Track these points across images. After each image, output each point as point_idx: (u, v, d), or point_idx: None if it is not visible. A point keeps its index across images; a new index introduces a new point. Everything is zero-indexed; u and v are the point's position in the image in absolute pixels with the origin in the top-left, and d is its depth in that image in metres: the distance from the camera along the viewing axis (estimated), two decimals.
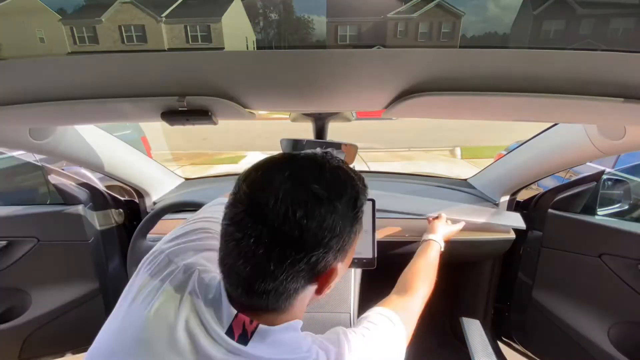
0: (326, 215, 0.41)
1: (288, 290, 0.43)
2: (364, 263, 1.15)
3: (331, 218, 0.42)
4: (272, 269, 0.41)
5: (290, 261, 0.41)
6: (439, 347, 1.66)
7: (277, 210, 0.40)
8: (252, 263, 0.41)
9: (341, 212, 0.43)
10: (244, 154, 7.36)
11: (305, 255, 0.41)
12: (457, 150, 7.59)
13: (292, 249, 0.40)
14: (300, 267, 0.42)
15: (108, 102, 0.56)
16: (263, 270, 0.41)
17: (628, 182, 1.42)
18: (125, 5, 0.42)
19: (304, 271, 0.42)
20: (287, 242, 0.40)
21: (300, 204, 0.40)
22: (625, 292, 1.10)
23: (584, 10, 0.40)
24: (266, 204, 0.40)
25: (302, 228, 0.40)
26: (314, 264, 0.42)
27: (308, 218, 0.40)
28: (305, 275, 0.43)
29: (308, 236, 0.40)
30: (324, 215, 0.41)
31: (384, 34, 0.44)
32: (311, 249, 0.41)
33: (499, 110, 0.61)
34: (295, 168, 0.44)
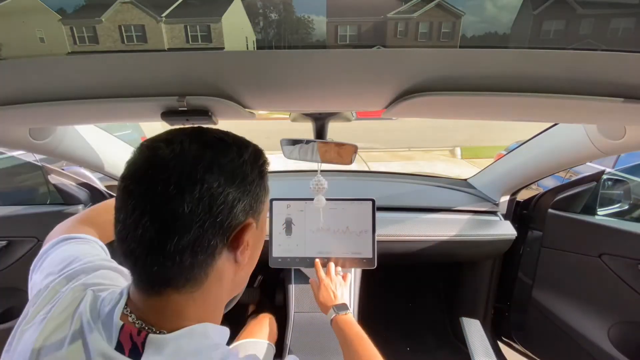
0: (228, 158, 0.42)
1: (198, 247, 0.39)
2: (364, 263, 1.15)
3: (232, 161, 0.42)
4: (176, 216, 0.38)
5: (189, 203, 0.38)
6: (439, 347, 1.66)
7: (173, 154, 0.40)
8: (154, 219, 0.38)
9: (244, 159, 0.44)
10: None
11: (205, 195, 0.39)
12: (457, 150, 7.60)
13: (190, 191, 0.38)
14: (204, 214, 0.39)
15: (108, 102, 0.56)
16: (165, 223, 0.38)
17: (628, 182, 1.42)
18: (125, 5, 0.42)
19: (208, 221, 0.39)
20: (183, 184, 0.38)
21: (197, 146, 0.41)
22: (625, 292, 1.10)
23: (584, 10, 0.40)
24: (159, 148, 0.40)
25: (199, 164, 0.39)
26: (217, 212, 0.40)
27: (207, 156, 0.40)
28: (213, 229, 0.40)
29: (207, 173, 0.39)
30: (226, 158, 0.42)
31: (384, 34, 0.44)
32: (212, 189, 0.39)
33: (499, 110, 0.61)
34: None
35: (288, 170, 1.79)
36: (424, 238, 1.30)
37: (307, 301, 1.21)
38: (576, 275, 1.25)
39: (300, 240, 1.16)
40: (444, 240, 1.30)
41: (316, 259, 1.05)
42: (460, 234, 1.31)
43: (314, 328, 1.13)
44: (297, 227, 1.16)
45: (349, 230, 1.15)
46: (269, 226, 1.17)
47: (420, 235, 1.30)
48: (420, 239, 1.30)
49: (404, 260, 1.35)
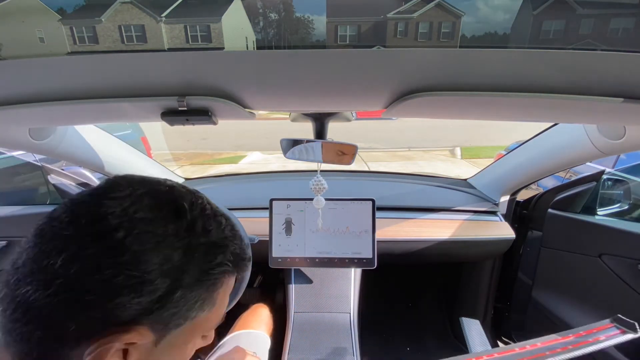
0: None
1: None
2: (364, 263, 1.15)
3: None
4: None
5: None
6: (439, 347, 1.66)
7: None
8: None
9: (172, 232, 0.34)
10: (244, 154, 7.36)
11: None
12: (457, 150, 7.59)
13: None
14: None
15: (108, 102, 0.56)
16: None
17: (628, 182, 1.42)
18: (125, 5, 0.42)
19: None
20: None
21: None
22: (625, 292, 1.10)
23: (584, 10, 0.40)
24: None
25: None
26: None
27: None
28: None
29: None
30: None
31: (383, 34, 0.44)
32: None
33: (499, 110, 0.61)
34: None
35: (288, 170, 1.79)
36: (424, 238, 1.30)
37: (307, 301, 1.21)
38: (576, 275, 1.25)
39: (300, 240, 1.16)
40: (444, 240, 1.30)
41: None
42: (460, 234, 1.31)
43: (314, 328, 1.13)
44: (297, 227, 1.16)
45: (348, 230, 1.15)
46: (269, 226, 1.17)
47: (420, 235, 1.30)
48: (420, 239, 1.30)
49: (404, 260, 1.35)
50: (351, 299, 1.22)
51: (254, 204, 1.35)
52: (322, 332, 1.12)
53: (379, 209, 1.18)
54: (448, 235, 1.30)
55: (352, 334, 1.12)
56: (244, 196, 1.50)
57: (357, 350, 1.07)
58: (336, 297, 1.22)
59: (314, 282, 1.25)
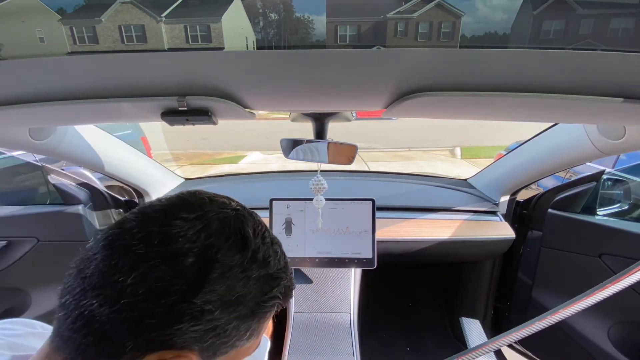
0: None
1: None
2: (364, 263, 1.15)
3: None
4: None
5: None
6: (439, 347, 1.66)
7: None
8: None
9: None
10: (244, 154, 7.36)
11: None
12: (457, 150, 7.59)
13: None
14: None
15: (108, 102, 0.56)
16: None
17: (628, 182, 1.42)
18: (125, 5, 0.42)
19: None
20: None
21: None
22: (625, 292, 1.10)
23: (584, 10, 0.40)
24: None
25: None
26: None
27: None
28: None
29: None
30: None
31: (384, 34, 0.44)
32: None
33: (499, 110, 0.61)
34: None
35: (288, 170, 1.79)
36: (424, 238, 1.30)
37: (307, 301, 1.21)
38: (576, 275, 1.25)
39: (300, 240, 1.16)
40: (444, 240, 1.30)
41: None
42: (460, 234, 1.31)
43: (314, 328, 1.13)
44: (297, 227, 1.16)
45: (348, 230, 1.15)
46: (269, 226, 1.17)
47: (420, 235, 1.30)
48: (420, 239, 1.30)
49: (404, 260, 1.35)
50: (351, 299, 1.22)
51: (254, 204, 1.35)
52: (322, 332, 1.12)
53: (379, 209, 1.18)
54: (448, 235, 1.30)
55: (352, 334, 1.12)
56: (243, 196, 1.49)
57: (357, 350, 1.07)
58: (336, 297, 1.22)
59: (314, 282, 1.25)
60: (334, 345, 1.08)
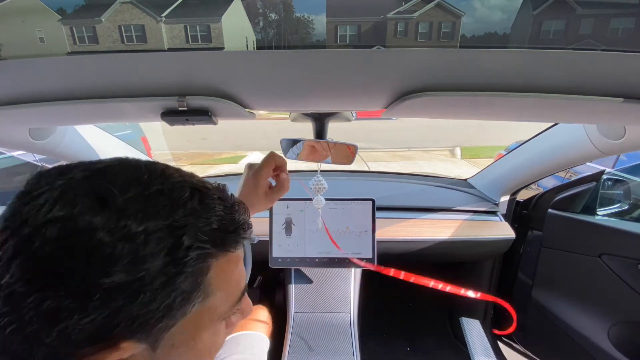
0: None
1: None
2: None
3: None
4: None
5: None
6: (439, 348, 1.66)
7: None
8: None
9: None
10: (244, 154, 7.36)
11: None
12: (457, 150, 7.59)
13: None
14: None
15: (108, 102, 0.56)
16: None
17: (628, 182, 1.42)
18: (125, 5, 0.42)
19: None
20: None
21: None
22: (625, 292, 1.10)
23: (584, 10, 0.40)
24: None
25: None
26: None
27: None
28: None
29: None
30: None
31: (383, 34, 0.44)
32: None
33: (499, 110, 0.61)
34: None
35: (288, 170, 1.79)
36: (424, 238, 1.30)
37: (307, 301, 1.21)
38: (576, 275, 1.25)
39: (300, 240, 1.16)
40: (444, 240, 1.30)
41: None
42: (460, 234, 1.31)
43: (314, 328, 1.13)
44: (297, 227, 1.16)
45: (348, 230, 1.15)
46: (269, 226, 1.17)
47: (420, 235, 1.30)
48: (420, 239, 1.30)
49: (404, 260, 1.35)
50: (351, 299, 1.22)
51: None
52: (322, 332, 1.12)
53: (379, 209, 1.18)
54: (448, 235, 1.30)
55: (352, 334, 1.12)
56: None
57: (357, 350, 1.07)
58: (336, 297, 1.22)
59: (314, 282, 1.25)
60: (334, 345, 1.08)
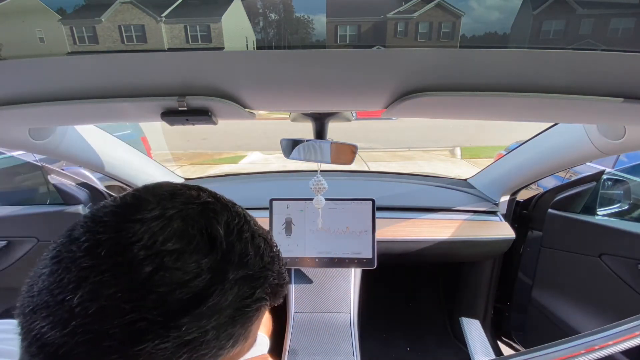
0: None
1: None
2: (363, 263, 1.15)
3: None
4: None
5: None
6: (439, 347, 1.66)
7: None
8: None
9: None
10: (244, 154, 7.36)
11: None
12: (457, 150, 7.59)
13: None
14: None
15: (108, 102, 0.56)
16: None
17: (628, 182, 1.42)
18: (125, 5, 0.42)
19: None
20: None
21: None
22: (625, 292, 1.10)
23: (584, 10, 0.40)
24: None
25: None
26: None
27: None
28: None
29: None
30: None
31: (383, 34, 0.44)
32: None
33: (499, 110, 0.61)
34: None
35: (288, 171, 1.79)
36: (424, 238, 1.30)
37: (307, 301, 1.21)
38: (576, 275, 1.25)
39: (300, 240, 1.16)
40: (444, 240, 1.30)
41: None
42: (460, 234, 1.31)
43: (314, 328, 1.13)
44: (297, 227, 1.16)
45: (348, 230, 1.15)
46: (269, 226, 1.17)
47: (420, 235, 1.30)
48: (420, 239, 1.30)
49: (404, 260, 1.35)
50: (351, 299, 1.22)
51: (254, 204, 1.35)
52: (322, 333, 1.12)
53: (379, 209, 1.18)
54: (448, 235, 1.30)
55: (352, 334, 1.12)
56: (243, 196, 1.50)
57: (357, 350, 1.07)
58: (336, 297, 1.22)
59: (314, 282, 1.25)
60: (334, 345, 1.08)
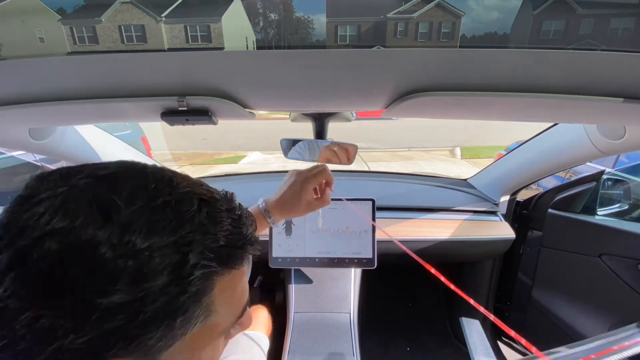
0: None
1: None
2: (364, 263, 1.15)
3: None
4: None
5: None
6: (439, 347, 1.66)
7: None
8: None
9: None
10: (244, 154, 7.36)
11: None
12: (457, 150, 7.59)
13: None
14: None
15: (108, 102, 0.56)
16: None
17: (628, 182, 1.42)
18: (125, 5, 0.42)
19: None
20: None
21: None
22: (625, 292, 1.10)
23: (584, 10, 0.40)
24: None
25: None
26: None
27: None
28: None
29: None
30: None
31: (383, 34, 0.44)
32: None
33: (499, 110, 0.61)
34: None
35: (288, 170, 1.79)
36: (424, 238, 1.30)
37: (307, 301, 1.21)
38: (576, 275, 1.25)
39: (300, 240, 1.16)
40: (444, 240, 1.30)
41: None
42: (460, 234, 1.31)
43: (314, 328, 1.13)
44: (297, 227, 1.16)
45: (348, 230, 1.15)
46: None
47: (420, 235, 1.30)
48: (420, 239, 1.30)
49: (404, 260, 1.35)
50: (351, 299, 1.22)
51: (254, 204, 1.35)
52: (322, 333, 1.12)
53: (379, 209, 1.18)
54: (448, 235, 1.30)
55: (352, 334, 1.12)
56: (243, 196, 1.49)
57: (357, 350, 1.07)
58: (336, 297, 1.22)
59: (314, 282, 1.25)
60: (334, 345, 1.08)
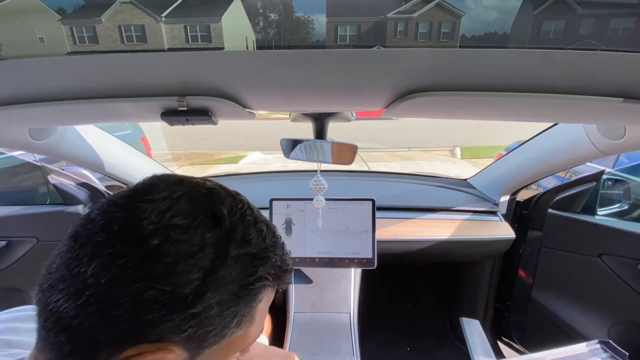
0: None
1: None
2: (364, 263, 1.15)
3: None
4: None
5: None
6: (439, 347, 1.66)
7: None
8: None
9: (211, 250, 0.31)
10: (244, 154, 7.36)
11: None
12: (457, 150, 7.59)
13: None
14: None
15: (108, 102, 0.56)
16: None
17: (628, 182, 1.42)
18: (125, 5, 0.42)
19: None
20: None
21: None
22: (625, 292, 1.10)
23: (584, 10, 0.40)
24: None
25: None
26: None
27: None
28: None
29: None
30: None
31: (383, 34, 0.44)
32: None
33: (499, 110, 0.61)
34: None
35: (288, 170, 1.79)
36: (424, 238, 1.30)
37: (307, 301, 1.21)
38: (576, 275, 1.25)
39: (300, 240, 1.16)
40: (444, 240, 1.30)
41: None
42: (460, 234, 1.31)
43: (314, 328, 1.13)
44: (297, 227, 1.16)
45: (348, 230, 1.15)
46: None
47: (420, 235, 1.30)
48: (420, 239, 1.30)
49: (404, 260, 1.35)
50: (351, 299, 1.22)
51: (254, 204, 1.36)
52: (322, 332, 1.12)
53: (379, 209, 1.18)
54: (448, 235, 1.30)
55: (352, 334, 1.12)
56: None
57: (357, 350, 1.07)
58: (336, 297, 1.22)
59: (314, 282, 1.25)
60: (334, 345, 1.08)
